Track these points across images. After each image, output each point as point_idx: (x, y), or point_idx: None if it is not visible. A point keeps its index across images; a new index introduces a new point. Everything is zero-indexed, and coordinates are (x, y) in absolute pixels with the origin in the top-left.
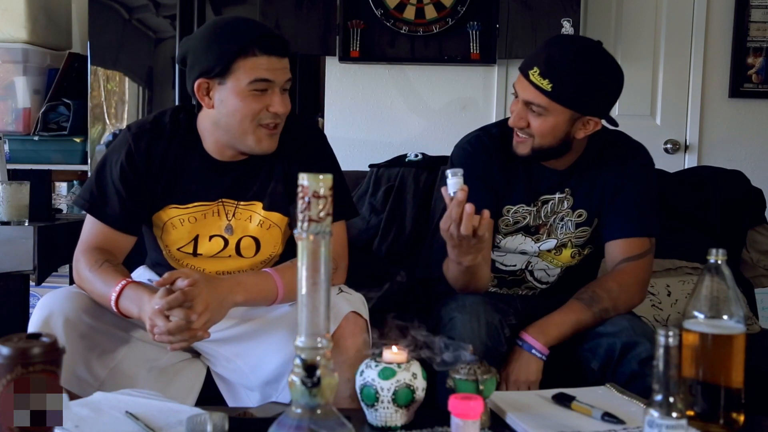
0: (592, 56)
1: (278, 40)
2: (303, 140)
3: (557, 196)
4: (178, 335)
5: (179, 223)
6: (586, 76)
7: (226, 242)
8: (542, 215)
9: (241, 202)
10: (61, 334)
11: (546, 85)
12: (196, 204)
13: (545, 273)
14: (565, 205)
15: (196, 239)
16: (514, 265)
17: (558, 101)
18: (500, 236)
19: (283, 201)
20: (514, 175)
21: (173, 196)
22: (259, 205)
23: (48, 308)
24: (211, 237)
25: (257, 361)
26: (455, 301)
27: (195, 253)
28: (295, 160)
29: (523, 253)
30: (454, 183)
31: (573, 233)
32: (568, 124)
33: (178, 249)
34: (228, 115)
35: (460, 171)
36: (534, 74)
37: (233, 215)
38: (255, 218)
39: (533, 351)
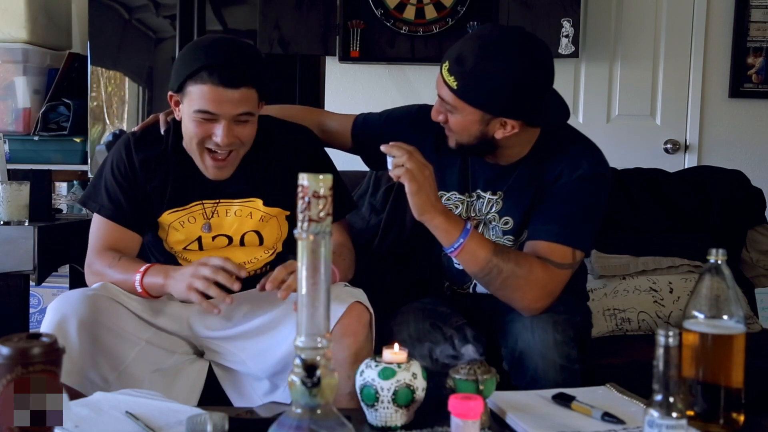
0: (500, 55)
1: (233, 71)
2: (297, 141)
3: (488, 196)
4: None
5: (180, 225)
6: (491, 76)
7: (230, 239)
8: (474, 210)
9: (240, 200)
10: (74, 337)
11: (452, 82)
12: (193, 204)
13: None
14: (494, 209)
15: (199, 239)
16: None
17: (464, 100)
18: None
19: (282, 196)
20: (451, 160)
21: (171, 200)
22: (259, 202)
23: (61, 312)
24: (214, 237)
25: (260, 353)
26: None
27: (201, 248)
28: (294, 160)
29: None
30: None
31: (501, 239)
32: (482, 124)
33: (184, 248)
34: (185, 131)
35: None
36: (444, 69)
37: (233, 213)
38: (256, 214)
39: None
